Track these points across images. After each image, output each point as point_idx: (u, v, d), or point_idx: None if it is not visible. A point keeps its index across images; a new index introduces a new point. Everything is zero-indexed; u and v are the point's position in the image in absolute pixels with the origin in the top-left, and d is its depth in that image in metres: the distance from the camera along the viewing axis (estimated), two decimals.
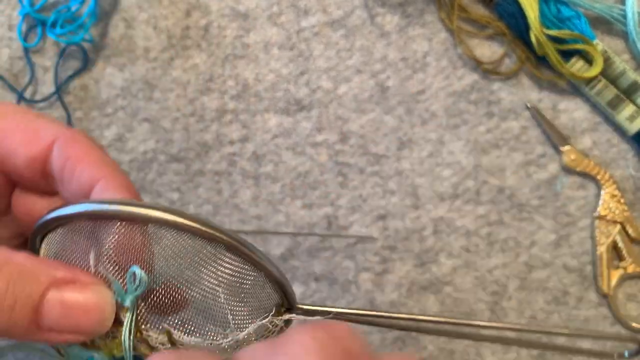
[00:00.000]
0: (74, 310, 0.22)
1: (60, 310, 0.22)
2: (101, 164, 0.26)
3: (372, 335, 0.40)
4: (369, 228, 0.41)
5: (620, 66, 0.39)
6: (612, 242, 0.40)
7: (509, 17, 0.39)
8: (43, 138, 0.26)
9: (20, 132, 0.26)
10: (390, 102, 0.41)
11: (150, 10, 0.42)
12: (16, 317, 0.22)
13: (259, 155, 0.41)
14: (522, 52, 0.40)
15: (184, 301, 0.24)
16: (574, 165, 0.40)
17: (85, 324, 0.23)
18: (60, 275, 0.23)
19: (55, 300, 0.22)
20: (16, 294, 0.22)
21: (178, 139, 0.42)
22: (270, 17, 0.42)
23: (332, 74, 0.41)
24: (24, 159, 0.26)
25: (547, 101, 0.40)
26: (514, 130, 0.40)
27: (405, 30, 0.41)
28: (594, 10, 0.39)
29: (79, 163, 0.26)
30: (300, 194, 0.41)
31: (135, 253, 0.23)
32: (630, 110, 0.39)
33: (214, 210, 0.42)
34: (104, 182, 0.25)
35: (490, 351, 0.40)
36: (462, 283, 0.40)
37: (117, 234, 0.23)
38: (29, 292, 0.22)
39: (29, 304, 0.22)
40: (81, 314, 0.22)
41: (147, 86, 0.42)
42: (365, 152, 0.41)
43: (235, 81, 0.42)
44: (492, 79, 0.40)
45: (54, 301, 0.22)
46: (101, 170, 0.26)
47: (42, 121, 0.27)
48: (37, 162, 0.26)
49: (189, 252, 0.23)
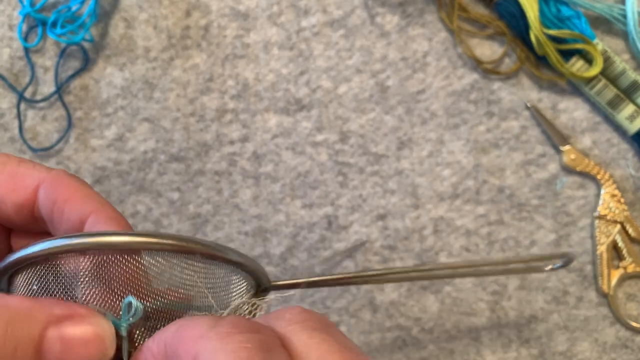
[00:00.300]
0: (74, 345, 0.23)
1: (60, 347, 0.23)
2: (88, 199, 0.27)
3: (372, 335, 0.40)
4: (369, 227, 0.41)
5: (620, 66, 0.39)
6: (612, 242, 0.40)
7: (509, 16, 0.39)
8: (27, 185, 0.27)
9: (4, 181, 0.27)
10: (390, 102, 0.41)
11: (150, 10, 0.42)
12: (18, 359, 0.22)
13: (259, 155, 0.41)
14: (522, 51, 0.40)
15: (179, 314, 0.24)
16: (574, 165, 0.40)
17: (86, 357, 0.23)
18: (57, 311, 0.23)
19: (55, 338, 0.23)
20: (16, 337, 0.22)
21: (178, 138, 0.42)
22: (270, 17, 0.42)
23: (332, 74, 0.41)
24: (12, 206, 0.27)
25: (547, 101, 0.40)
26: (514, 129, 0.40)
27: (405, 30, 0.41)
28: (594, 10, 0.39)
29: (66, 203, 0.26)
30: (300, 194, 0.41)
31: (117, 280, 0.24)
32: (630, 110, 0.39)
33: (214, 210, 0.42)
34: (93, 216, 0.26)
35: (491, 350, 0.40)
36: (462, 283, 0.40)
37: (93, 264, 0.23)
38: (28, 333, 0.22)
39: (31, 346, 0.22)
40: (82, 347, 0.23)
41: (147, 86, 0.42)
42: (365, 151, 0.41)
43: (235, 81, 0.42)
44: (492, 79, 0.40)
45: (53, 339, 0.23)
46: (89, 206, 0.26)
47: (24, 167, 0.28)
48: (24, 208, 0.27)
49: (170, 269, 0.23)
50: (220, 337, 0.20)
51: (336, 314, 0.41)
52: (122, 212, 0.42)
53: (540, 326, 0.40)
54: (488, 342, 0.40)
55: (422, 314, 0.40)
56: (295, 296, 0.41)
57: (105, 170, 0.42)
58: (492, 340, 0.40)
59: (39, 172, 0.27)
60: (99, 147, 0.42)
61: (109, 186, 0.42)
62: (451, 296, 0.40)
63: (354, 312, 0.41)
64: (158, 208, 0.42)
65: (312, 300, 0.41)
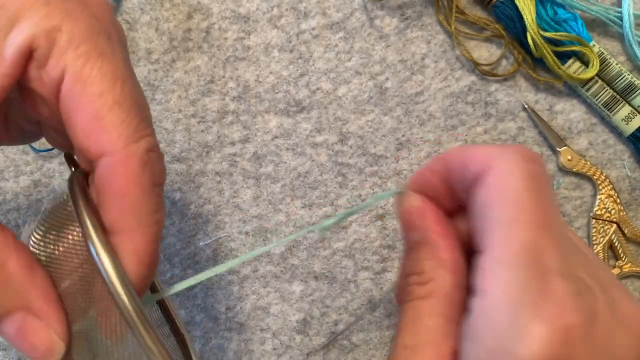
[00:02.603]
0: (24, 341, 0.23)
1: (15, 334, 0.23)
2: (131, 207, 0.23)
3: (371, 334, 0.41)
4: (368, 227, 0.41)
5: (616, 68, 0.39)
6: (608, 242, 0.40)
7: (506, 19, 0.40)
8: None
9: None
10: (389, 104, 0.41)
11: (152, 12, 0.43)
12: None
13: (260, 156, 0.42)
14: (519, 53, 0.40)
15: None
16: (571, 165, 0.40)
17: (30, 354, 0.24)
18: (34, 305, 0.23)
19: (15, 323, 0.23)
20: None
21: (179, 139, 0.42)
22: (271, 20, 0.42)
23: (332, 76, 0.42)
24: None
25: (544, 102, 0.41)
26: (511, 131, 0.41)
27: (403, 33, 0.41)
28: (591, 13, 0.40)
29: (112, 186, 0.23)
30: (300, 194, 0.42)
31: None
32: (626, 112, 0.39)
33: (215, 210, 0.42)
34: (122, 236, 0.23)
35: None
36: None
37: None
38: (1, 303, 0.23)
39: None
40: (29, 346, 0.23)
41: (149, 87, 0.43)
42: (365, 152, 0.41)
43: (236, 83, 0.42)
44: (489, 81, 0.41)
45: (14, 322, 0.23)
46: (126, 220, 0.23)
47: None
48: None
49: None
50: (513, 150, 0.24)
51: (335, 313, 0.41)
52: None
53: None
54: None
55: None
56: (295, 294, 0.41)
57: None
58: None
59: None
60: None
61: None
62: None
63: (353, 310, 0.41)
64: None
65: (312, 299, 0.41)
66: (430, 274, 0.25)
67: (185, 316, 0.42)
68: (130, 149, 0.22)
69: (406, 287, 0.26)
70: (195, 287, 0.42)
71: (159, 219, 0.24)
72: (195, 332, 0.42)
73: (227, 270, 0.41)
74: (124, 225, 0.23)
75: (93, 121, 0.22)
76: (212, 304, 0.42)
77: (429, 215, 0.27)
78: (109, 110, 0.22)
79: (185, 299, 0.42)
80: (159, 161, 0.24)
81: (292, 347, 0.41)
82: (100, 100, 0.22)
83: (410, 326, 0.25)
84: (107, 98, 0.22)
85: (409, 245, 0.28)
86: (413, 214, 0.27)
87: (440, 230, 0.26)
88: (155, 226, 0.23)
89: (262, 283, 0.42)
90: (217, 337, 0.42)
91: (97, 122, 0.22)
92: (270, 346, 0.42)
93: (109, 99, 0.22)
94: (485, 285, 0.22)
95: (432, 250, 0.26)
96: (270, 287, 0.42)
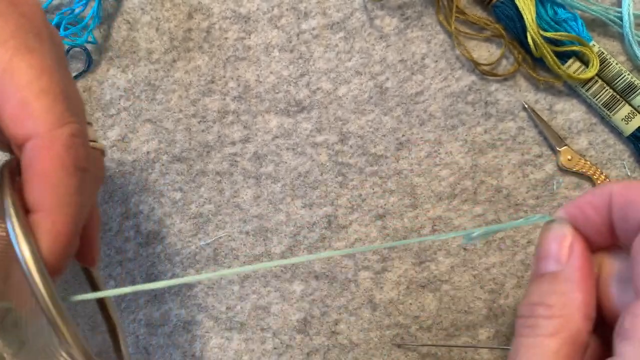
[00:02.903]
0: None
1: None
2: (54, 188, 0.24)
3: (371, 332, 0.41)
4: (368, 227, 0.41)
5: (616, 68, 0.39)
6: None
7: (506, 19, 0.40)
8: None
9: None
10: (389, 103, 0.41)
11: (152, 12, 0.43)
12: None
13: (260, 156, 0.42)
14: (519, 53, 0.40)
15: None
16: (570, 165, 0.40)
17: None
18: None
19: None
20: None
21: (180, 139, 0.42)
22: (271, 20, 0.42)
23: (332, 76, 0.42)
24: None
25: (544, 102, 0.41)
26: (511, 130, 0.41)
27: (404, 33, 0.41)
28: (591, 12, 0.40)
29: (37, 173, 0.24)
30: (300, 194, 0.42)
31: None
32: (626, 111, 0.39)
33: (216, 210, 0.42)
34: (42, 214, 0.24)
35: (488, 348, 0.40)
36: (459, 281, 0.41)
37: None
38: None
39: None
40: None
41: (149, 87, 0.43)
42: (365, 152, 0.41)
43: (236, 82, 0.42)
44: (489, 81, 0.41)
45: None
46: (47, 199, 0.24)
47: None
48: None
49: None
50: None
51: (335, 312, 0.41)
52: (124, 212, 0.43)
53: None
54: (485, 340, 0.40)
55: (421, 312, 0.41)
56: (296, 293, 0.42)
57: (108, 170, 0.43)
58: (489, 338, 0.40)
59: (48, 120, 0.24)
60: None
61: (112, 186, 0.43)
62: (449, 294, 0.41)
63: (353, 310, 0.41)
64: (160, 208, 0.43)
65: (313, 299, 0.41)
66: (561, 311, 0.24)
67: (186, 316, 0.42)
68: (54, 133, 0.24)
69: (530, 317, 0.25)
70: (195, 286, 0.42)
71: (80, 202, 0.24)
72: (195, 332, 0.42)
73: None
74: (44, 204, 0.24)
75: (20, 107, 0.24)
76: (212, 303, 0.42)
77: (576, 248, 0.26)
78: (35, 98, 0.24)
79: (185, 299, 0.42)
80: (84, 147, 0.25)
81: (292, 347, 0.42)
82: (27, 89, 0.24)
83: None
84: (34, 87, 0.24)
85: (540, 274, 0.26)
86: (560, 244, 0.26)
87: (583, 267, 0.25)
88: (75, 207, 0.24)
89: (263, 282, 0.42)
90: (217, 337, 0.42)
91: (24, 109, 0.24)
92: (271, 345, 0.42)
93: (36, 88, 0.24)
94: (637, 333, 0.21)
95: (569, 286, 0.25)
96: (271, 286, 0.42)
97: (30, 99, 0.24)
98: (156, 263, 0.42)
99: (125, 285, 0.43)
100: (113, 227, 0.43)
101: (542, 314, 0.25)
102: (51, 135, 0.24)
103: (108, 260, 0.43)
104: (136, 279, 0.43)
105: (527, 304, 0.26)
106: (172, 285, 0.34)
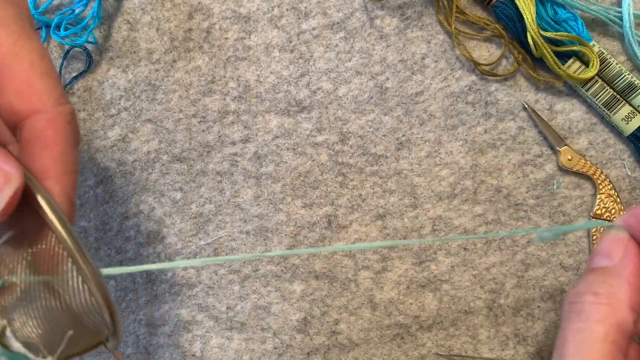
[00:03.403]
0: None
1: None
2: (60, 160, 0.27)
3: (371, 332, 0.41)
4: (368, 227, 0.41)
5: (616, 67, 0.40)
6: None
7: (506, 19, 0.40)
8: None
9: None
10: (389, 103, 0.41)
11: (153, 12, 0.43)
12: None
13: (260, 156, 0.42)
14: (519, 53, 0.40)
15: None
16: (571, 165, 0.40)
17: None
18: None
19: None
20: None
21: (181, 139, 0.42)
22: (271, 20, 0.42)
23: (332, 76, 0.42)
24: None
25: (544, 102, 0.41)
26: (511, 130, 0.41)
27: (404, 33, 0.41)
28: (591, 12, 0.40)
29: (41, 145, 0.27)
30: (300, 194, 0.42)
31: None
32: (626, 111, 0.39)
33: (216, 210, 0.42)
34: (53, 180, 0.26)
35: (488, 348, 0.40)
36: (459, 281, 0.41)
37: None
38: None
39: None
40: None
41: (150, 87, 0.43)
42: (365, 152, 0.41)
43: (236, 83, 0.42)
44: (489, 81, 0.41)
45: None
46: (55, 166, 0.26)
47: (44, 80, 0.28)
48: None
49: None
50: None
51: (336, 312, 0.41)
52: (125, 212, 0.43)
53: (538, 324, 0.40)
54: (485, 339, 0.40)
55: (421, 312, 0.41)
56: (296, 293, 0.42)
57: (108, 170, 0.43)
58: (489, 338, 0.40)
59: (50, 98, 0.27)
60: (102, 148, 0.43)
61: (112, 186, 0.43)
62: (449, 294, 0.41)
63: (353, 309, 0.41)
64: (161, 208, 0.43)
65: (313, 299, 0.41)
66: (608, 299, 0.26)
67: (186, 315, 0.42)
68: (58, 109, 0.27)
69: (578, 304, 0.27)
70: (195, 286, 0.42)
71: (77, 170, 0.28)
72: (196, 332, 0.42)
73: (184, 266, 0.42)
74: (54, 171, 0.26)
75: (25, 85, 0.26)
76: (212, 303, 0.42)
77: (629, 250, 0.28)
78: (39, 78, 0.26)
79: (186, 298, 0.42)
80: (77, 125, 0.29)
81: (292, 347, 0.42)
82: (31, 69, 0.26)
83: (581, 349, 0.25)
84: (37, 69, 0.26)
85: (592, 268, 0.28)
86: (614, 244, 0.28)
87: (634, 267, 0.27)
88: (76, 175, 0.27)
89: (263, 282, 0.42)
90: (218, 337, 0.42)
91: (30, 87, 0.26)
92: (271, 345, 0.42)
93: (38, 69, 0.26)
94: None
95: (618, 280, 0.27)
96: (271, 286, 0.42)
97: (35, 79, 0.26)
98: (156, 263, 0.42)
99: (126, 285, 0.43)
100: (113, 227, 0.43)
101: (589, 301, 0.26)
102: (56, 111, 0.27)
103: (108, 260, 0.43)
104: (136, 278, 0.43)
105: (576, 292, 0.28)
106: (179, 266, 0.35)
